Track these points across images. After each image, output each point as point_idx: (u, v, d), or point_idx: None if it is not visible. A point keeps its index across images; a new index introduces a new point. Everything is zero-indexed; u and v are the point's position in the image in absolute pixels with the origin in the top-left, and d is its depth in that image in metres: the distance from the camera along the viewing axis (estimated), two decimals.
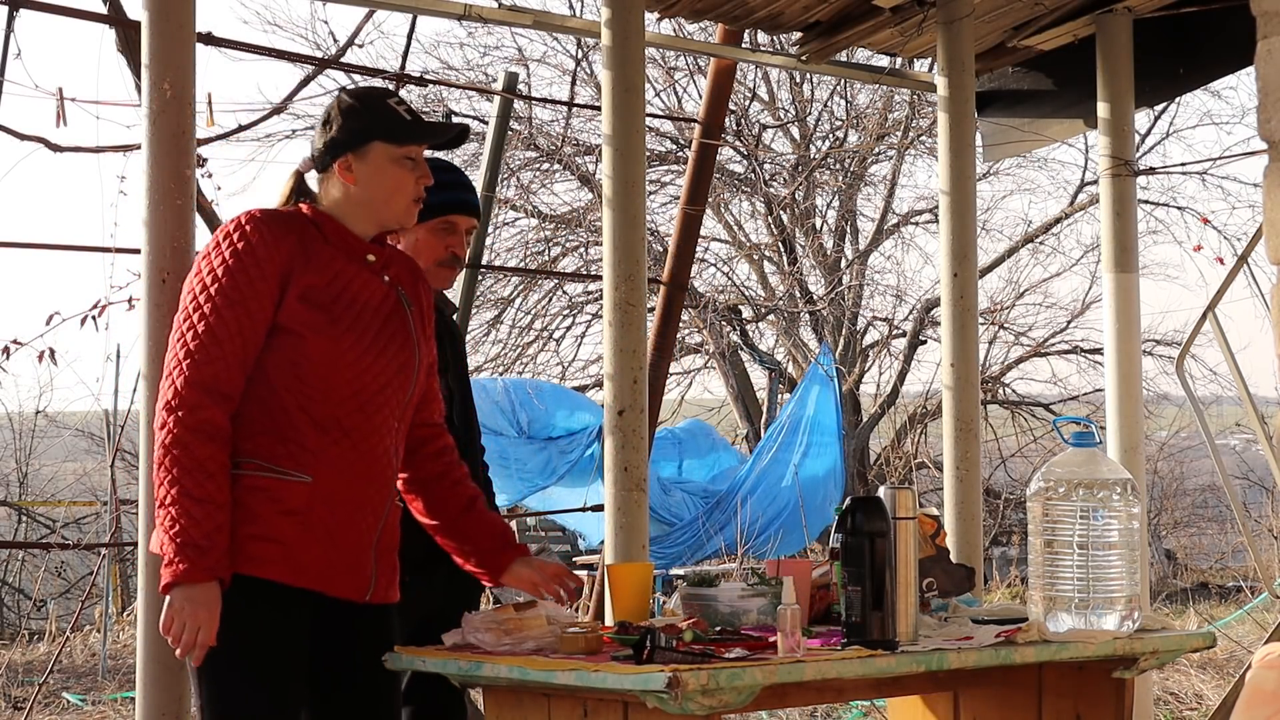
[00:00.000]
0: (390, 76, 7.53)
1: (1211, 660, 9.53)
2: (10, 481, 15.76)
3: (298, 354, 3.45)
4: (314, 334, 3.45)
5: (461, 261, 4.21)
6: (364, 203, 3.57)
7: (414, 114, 3.60)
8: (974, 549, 6.51)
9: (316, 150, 3.59)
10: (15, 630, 13.03)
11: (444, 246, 4.17)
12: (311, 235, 3.52)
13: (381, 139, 3.55)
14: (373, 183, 3.56)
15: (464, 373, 4.33)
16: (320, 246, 3.52)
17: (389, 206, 3.58)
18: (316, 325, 3.46)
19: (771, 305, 18.06)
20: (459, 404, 4.24)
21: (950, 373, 6.63)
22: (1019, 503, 16.76)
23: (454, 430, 4.17)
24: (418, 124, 3.59)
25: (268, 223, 3.48)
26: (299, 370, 3.45)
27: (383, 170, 3.56)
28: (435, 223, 4.15)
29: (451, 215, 4.17)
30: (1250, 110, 17.02)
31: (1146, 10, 6.85)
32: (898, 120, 18.00)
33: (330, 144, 3.56)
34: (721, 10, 6.66)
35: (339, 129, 3.55)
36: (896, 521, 3.54)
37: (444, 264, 4.17)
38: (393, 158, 3.56)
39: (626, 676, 3.18)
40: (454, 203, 4.18)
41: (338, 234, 3.56)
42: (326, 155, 3.57)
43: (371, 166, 3.56)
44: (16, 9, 5.61)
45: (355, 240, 3.58)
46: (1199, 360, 17.70)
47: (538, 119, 16.64)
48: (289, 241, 3.47)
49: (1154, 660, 3.85)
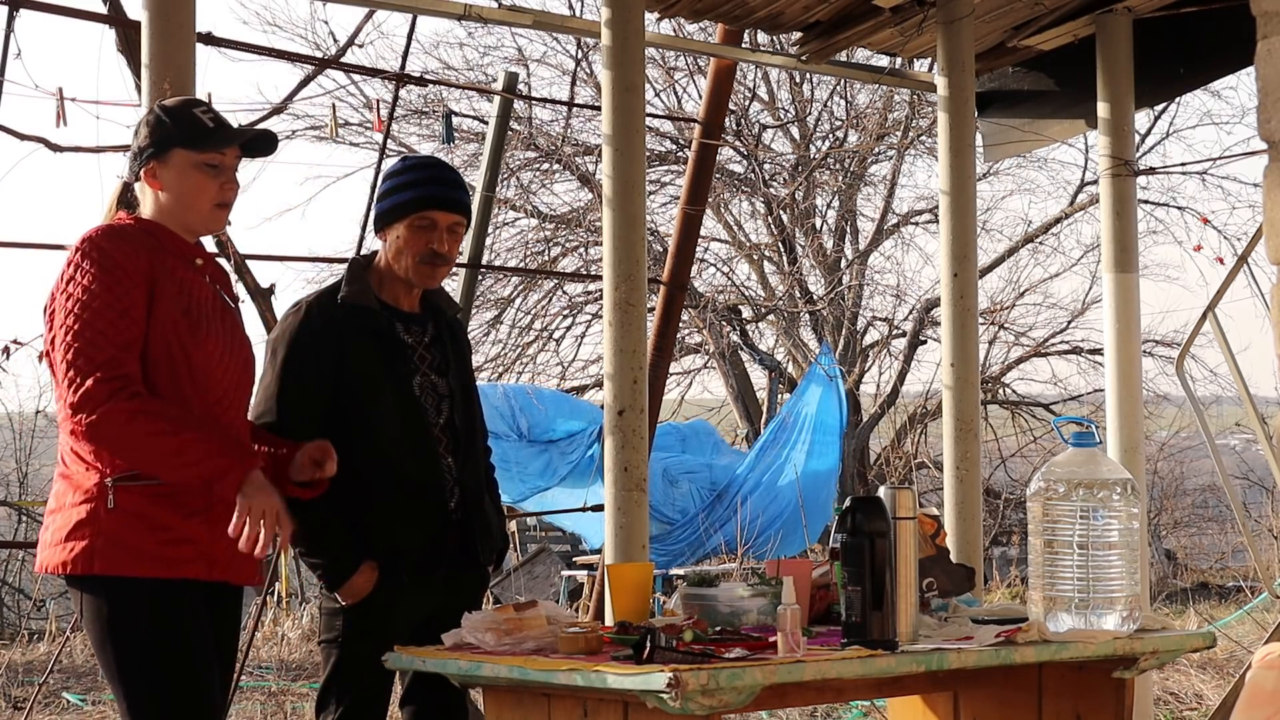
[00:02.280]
0: (390, 76, 7.53)
1: (1211, 660, 9.52)
2: (10, 481, 15.75)
3: (174, 362, 3.54)
4: (190, 341, 3.56)
5: (444, 258, 4.17)
6: (170, 208, 3.64)
7: (219, 121, 3.67)
8: (974, 549, 6.51)
9: (131, 160, 3.68)
10: (15, 630, 13.03)
11: (424, 242, 4.14)
12: (153, 245, 3.59)
13: (181, 145, 3.62)
14: (176, 187, 3.63)
15: (466, 373, 4.30)
16: (163, 256, 3.59)
17: (192, 211, 3.65)
18: (188, 332, 3.56)
19: (771, 305, 18.05)
20: (460, 405, 4.22)
21: (950, 373, 6.63)
22: (1019, 503, 16.75)
23: (453, 432, 4.18)
24: (217, 130, 3.66)
25: (122, 238, 3.56)
26: (176, 378, 3.55)
27: (184, 175, 3.63)
28: (413, 219, 4.15)
29: (428, 211, 4.15)
30: (1250, 110, 17.02)
31: (1146, 10, 6.85)
32: (898, 120, 18.00)
33: (137, 152, 3.66)
34: (721, 10, 6.66)
35: (145, 138, 3.65)
36: (896, 521, 3.54)
37: (425, 260, 4.15)
38: (193, 163, 3.63)
39: (626, 676, 3.18)
40: (430, 198, 4.16)
41: (171, 240, 3.63)
42: (135, 163, 3.66)
43: (174, 173, 3.63)
44: (16, 9, 5.62)
45: (185, 245, 3.66)
46: (1199, 360, 17.70)
47: (538, 119, 16.63)
48: (144, 254, 3.55)
49: (1154, 660, 3.85)
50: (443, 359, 4.22)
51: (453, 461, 4.16)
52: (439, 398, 4.17)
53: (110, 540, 3.48)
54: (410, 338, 4.18)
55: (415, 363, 4.16)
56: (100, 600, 3.51)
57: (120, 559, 3.48)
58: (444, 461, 4.14)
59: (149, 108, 3.71)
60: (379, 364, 4.09)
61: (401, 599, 4.02)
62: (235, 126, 3.72)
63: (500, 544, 4.29)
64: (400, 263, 4.15)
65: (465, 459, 4.19)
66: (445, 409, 4.17)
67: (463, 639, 3.60)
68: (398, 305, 4.19)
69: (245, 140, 3.70)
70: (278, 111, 7.08)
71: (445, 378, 4.20)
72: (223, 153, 3.65)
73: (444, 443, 4.15)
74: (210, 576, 3.57)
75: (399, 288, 4.19)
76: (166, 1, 4.61)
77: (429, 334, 4.22)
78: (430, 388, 4.16)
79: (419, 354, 4.18)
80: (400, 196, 4.18)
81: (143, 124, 3.67)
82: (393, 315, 4.17)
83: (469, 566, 4.16)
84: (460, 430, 4.19)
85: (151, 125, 3.65)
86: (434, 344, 4.22)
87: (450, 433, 4.17)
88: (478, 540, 4.17)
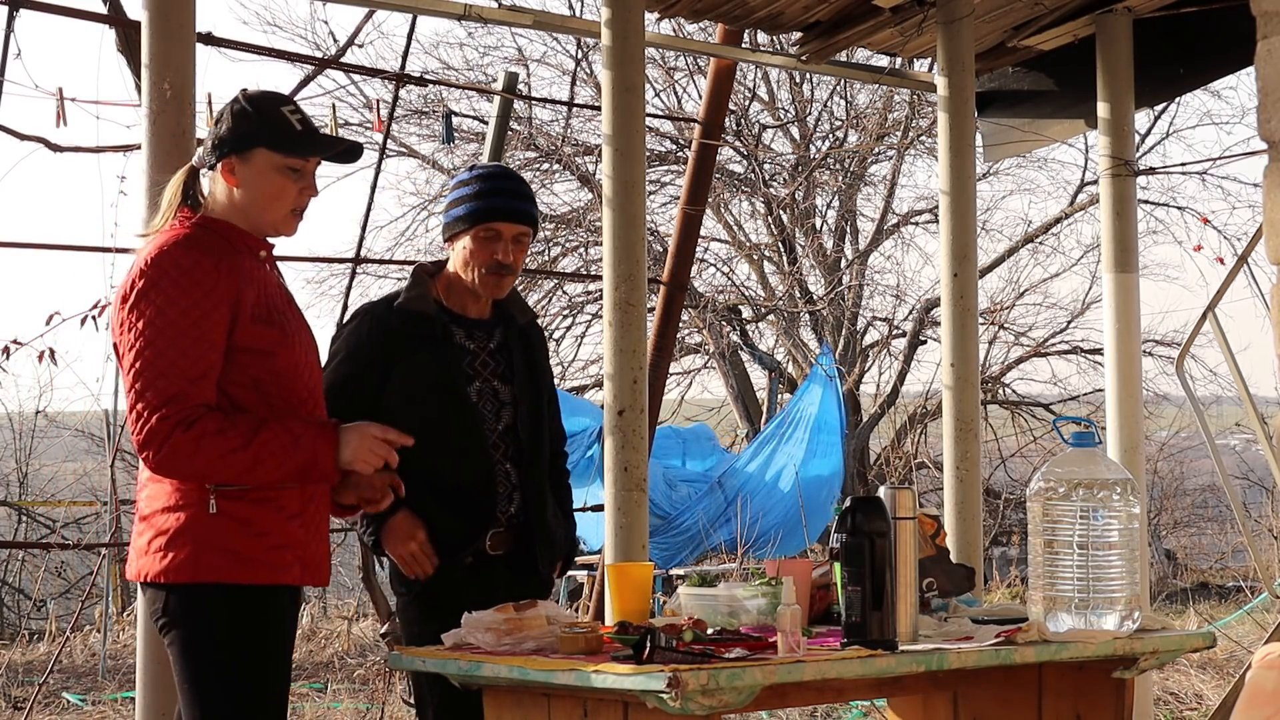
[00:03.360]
0: (390, 76, 7.53)
1: (1211, 660, 9.52)
2: (10, 481, 15.74)
3: (260, 370, 3.47)
4: (276, 349, 3.50)
5: (509, 269, 4.18)
6: (244, 207, 3.56)
7: (306, 125, 3.59)
8: (974, 549, 6.51)
9: (208, 147, 3.58)
10: (15, 630, 13.02)
11: (489, 254, 4.15)
12: (228, 250, 3.50)
13: (266, 145, 3.54)
14: (253, 188, 3.55)
15: (537, 381, 4.28)
16: (239, 260, 3.51)
17: (267, 213, 3.57)
18: (274, 340, 3.50)
19: (771, 305, 18.05)
20: (525, 412, 4.20)
21: (950, 373, 6.63)
22: (1019, 503, 16.74)
23: (514, 439, 4.16)
24: (306, 135, 3.58)
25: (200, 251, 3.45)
26: (261, 385, 3.48)
27: (264, 176, 3.55)
28: (478, 230, 4.16)
29: (494, 222, 4.16)
30: (1250, 110, 17.02)
31: (1146, 10, 6.85)
32: (898, 120, 18.00)
33: (217, 143, 3.55)
34: (721, 10, 6.66)
35: (227, 129, 3.55)
36: (896, 521, 3.55)
37: (490, 271, 4.15)
38: (275, 165, 3.55)
39: (626, 676, 3.18)
40: (496, 209, 4.17)
41: (241, 238, 3.55)
42: (213, 153, 3.56)
43: (254, 171, 3.54)
44: (16, 9, 5.61)
45: (253, 240, 3.58)
46: (1199, 360, 17.69)
47: (538, 119, 16.64)
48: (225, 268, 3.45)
49: (1154, 660, 3.85)
50: (508, 366, 4.21)
51: (513, 469, 4.15)
52: (499, 404, 4.17)
53: (215, 547, 3.42)
54: (472, 344, 4.18)
55: (475, 369, 4.16)
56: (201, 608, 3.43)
57: (225, 565, 3.42)
58: (502, 468, 4.13)
59: (235, 97, 3.58)
60: (430, 369, 4.10)
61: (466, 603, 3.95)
62: (323, 134, 3.65)
63: (564, 551, 4.29)
64: (466, 273, 4.17)
65: (529, 466, 4.18)
66: (506, 415, 4.17)
67: (463, 639, 3.60)
68: (464, 312, 4.20)
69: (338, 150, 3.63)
70: None
71: (509, 385, 4.19)
72: (306, 159, 3.58)
73: (502, 449, 4.15)
74: (304, 581, 3.54)
75: (466, 295, 4.21)
76: (166, 1, 4.61)
77: (495, 340, 4.22)
78: (490, 394, 4.16)
79: (480, 360, 4.18)
80: (466, 208, 4.19)
81: (226, 113, 3.57)
82: (453, 321, 4.17)
83: (528, 572, 4.16)
84: (523, 437, 4.18)
85: (236, 117, 3.55)
86: (500, 351, 4.21)
87: (511, 439, 4.16)
88: (537, 547, 4.17)
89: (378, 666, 9.56)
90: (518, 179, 4.32)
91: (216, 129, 3.57)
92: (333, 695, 9.63)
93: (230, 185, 3.54)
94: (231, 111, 3.57)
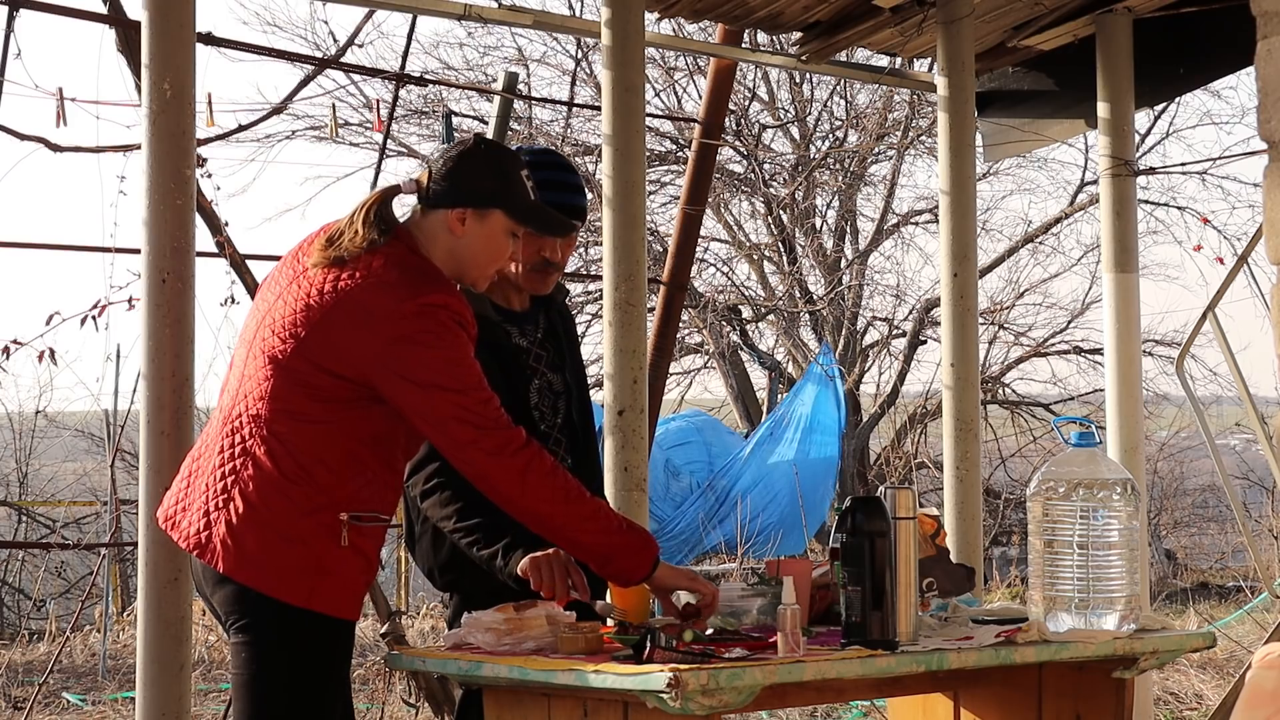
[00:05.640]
0: (390, 76, 7.54)
1: (1211, 660, 9.52)
2: (10, 481, 15.74)
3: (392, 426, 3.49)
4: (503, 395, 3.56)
5: (557, 266, 4.04)
6: (462, 259, 3.55)
7: (537, 193, 3.62)
8: (974, 549, 6.51)
9: (439, 185, 3.54)
10: (15, 630, 13.02)
11: (535, 251, 3.98)
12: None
13: (505, 210, 3.55)
14: (479, 245, 3.55)
15: (578, 362, 4.19)
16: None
17: (480, 270, 3.59)
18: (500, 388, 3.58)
19: (771, 305, 18.05)
20: (575, 399, 4.13)
21: (950, 373, 6.63)
22: (1019, 503, 16.75)
23: (570, 431, 4.10)
24: (539, 209, 3.61)
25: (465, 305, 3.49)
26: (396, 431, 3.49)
27: (493, 238, 3.56)
28: None
29: None
30: (1250, 110, 17.01)
31: (1146, 10, 6.85)
32: (898, 120, 18.00)
33: (456, 190, 3.52)
34: (721, 10, 6.66)
35: (473, 181, 3.53)
36: (896, 521, 3.54)
37: (536, 269, 4.01)
38: (507, 229, 3.57)
39: (626, 676, 3.18)
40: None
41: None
42: (448, 197, 3.53)
43: (486, 230, 3.54)
44: (16, 9, 5.62)
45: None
46: (1199, 360, 17.69)
47: (538, 119, 16.63)
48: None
49: (1154, 660, 3.84)
50: (556, 353, 4.12)
51: (572, 462, 4.07)
52: (555, 397, 4.08)
53: (337, 580, 3.41)
54: (525, 340, 4.07)
55: (532, 365, 4.06)
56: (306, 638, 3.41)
57: (343, 600, 3.42)
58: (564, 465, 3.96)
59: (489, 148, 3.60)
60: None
61: None
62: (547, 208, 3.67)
63: None
64: (511, 269, 4.00)
65: (583, 456, 4.11)
66: (562, 407, 4.09)
67: (463, 639, 3.59)
68: (509, 305, 4.07)
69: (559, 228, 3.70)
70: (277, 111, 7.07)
71: (561, 374, 4.10)
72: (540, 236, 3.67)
73: (564, 444, 4.08)
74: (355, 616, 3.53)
75: (509, 288, 4.06)
76: (166, 1, 4.61)
77: (541, 329, 4.11)
78: (547, 389, 4.07)
79: (534, 355, 4.08)
80: None
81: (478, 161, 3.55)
82: (507, 320, 4.05)
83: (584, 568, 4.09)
84: (578, 426, 4.11)
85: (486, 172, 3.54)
86: (547, 339, 4.11)
87: (568, 432, 4.09)
88: None
89: (378, 666, 9.55)
90: (570, 170, 4.13)
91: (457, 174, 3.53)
92: None
93: (456, 235, 3.53)
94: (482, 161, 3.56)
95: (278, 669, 3.41)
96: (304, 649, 3.41)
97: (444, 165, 3.54)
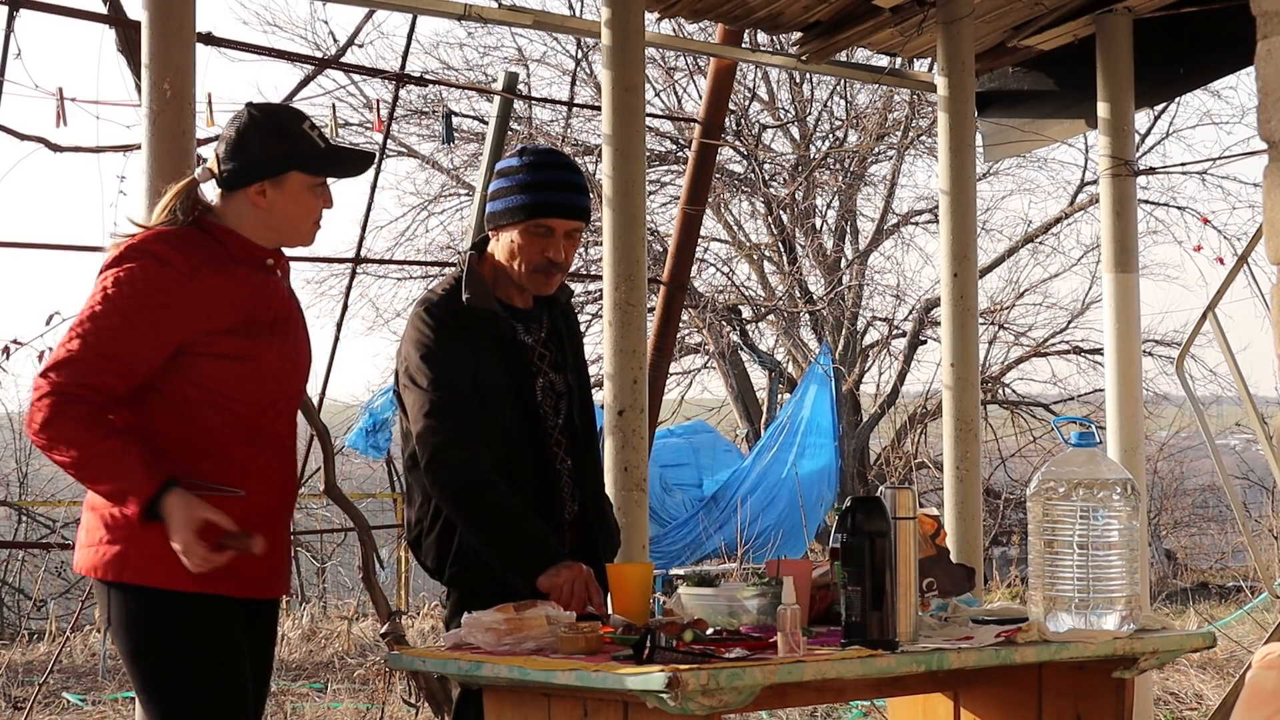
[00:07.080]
0: (390, 76, 7.54)
1: (1211, 660, 9.52)
2: (10, 481, 15.74)
3: (220, 375, 3.45)
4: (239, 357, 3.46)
5: (560, 266, 3.97)
6: (272, 226, 3.55)
7: (325, 140, 3.58)
8: (974, 549, 6.51)
9: (226, 169, 3.53)
10: (15, 630, 13.02)
11: (539, 250, 3.93)
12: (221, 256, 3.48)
13: (299, 168, 3.53)
14: (285, 210, 3.54)
15: (581, 363, 4.14)
16: (232, 266, 3.49)
17: (295, 231, 3.58)
18: (241, 349, 3.46)
19: (771, 305, 18.05)
20: (577, 400, 4.08)
21: (950, 373, 6.63)
22: (1019, 503, 16.75)
23: (571, 431, 4.05)
24: (331, 153, 3.57)
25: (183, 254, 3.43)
26: (224, 389, 3.45)
27: (297, 199, 3.55)
28: (529, 225, 3.93)
29: (547, 219, 3.94)
30: (1250, 110, 17.02)
31: (1146, 10, 6.85)
32: (898, 120, 18.00)
33: (246, 168, 3.51)
34: (721, 10, 6.66)
35: (257, 154, 3.50)
36: (896, 521, 3.54)
37: (539, 269, 3.95)
38: (308, 186, 3.55)
39: (626, 676, 3.18)
40: (549, 205, 3.94)
41: (243, 248, 3.53)
42: (240, 177, 3.52)
43: (287, 195, 3.54)
44: (16, 9, 5.62)
45: (258, 250, 3.56)
46: (1199, 360, 17.70)
47: (538, 119, 16.64)
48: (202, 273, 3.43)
49: (1154, 660, 3.84)
50: (559, 353, 4.08)
51: (571, 463, 4.05)
52: (557, 396, 4.04)
53: (142, 549, 3.39)
54: (529, 338, 4.02)
55: (536, 364, 4.01)
56: (130, 609, 3.42)
57: (151, 569, 3.39)
58: (563, 465, 4.03)
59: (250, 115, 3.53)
60: (502, 372, 3.93)
61: None
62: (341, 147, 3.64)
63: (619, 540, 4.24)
64: (514, 267, 3.96)
65: (583, 457, 4.08)
66: (564, 407, 4.05)
67: (463, 639, 3.59)
68: (512, 303, 4.02)
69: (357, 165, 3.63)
70: None
71: (563, 374, 4.06)
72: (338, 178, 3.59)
73: (564, 444, 4.04)
74: (242, 593, 3.50)
75: (512, 287, 4.01)
76: (166, 1, 4.61)
77: (545, 328, 4.07)
78: (549, 388, 4.03)
79: (538, 353, 4.04)
80: (516, 199, 3.95)
81: (253, 136, 3.51)
82: (512, 316, 4.00)
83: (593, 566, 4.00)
84: (579, 427, 4.07)
85: (264, 140, 3.51)
86: (550, 339, 4.07)
87: (569, 433, 4.05)
88: (598, 540, 4.08)
89: (378, 666, 9.56)
90: (572, 168, 4.06)
91: (241, 152, 3.51)
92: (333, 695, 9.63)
93: (260, 209, 3.52)
94: (259, 133, 3.52)
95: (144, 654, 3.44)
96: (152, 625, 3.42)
97: (227, 146, 3.54)
